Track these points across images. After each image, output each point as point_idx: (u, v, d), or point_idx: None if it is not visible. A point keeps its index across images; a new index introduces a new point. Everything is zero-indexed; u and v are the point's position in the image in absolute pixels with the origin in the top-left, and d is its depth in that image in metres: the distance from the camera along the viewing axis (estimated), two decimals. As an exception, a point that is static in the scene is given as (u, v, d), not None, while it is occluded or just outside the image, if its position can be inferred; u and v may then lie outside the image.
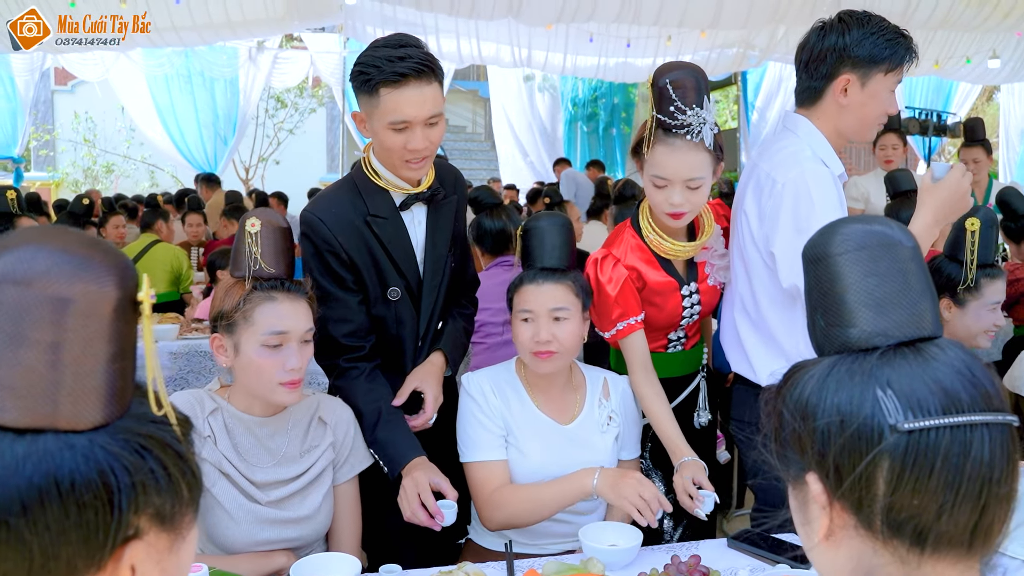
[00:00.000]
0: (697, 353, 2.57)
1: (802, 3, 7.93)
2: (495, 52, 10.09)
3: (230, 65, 12.03)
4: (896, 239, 0.93)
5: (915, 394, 0.84)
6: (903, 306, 0.90)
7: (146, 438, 0.75)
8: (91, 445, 0.71)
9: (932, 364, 0.86)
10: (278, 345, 1.90)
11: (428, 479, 2.00)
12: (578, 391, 2.31)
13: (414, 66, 2.01)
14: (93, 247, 0.74)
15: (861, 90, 2.18)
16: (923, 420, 0.83)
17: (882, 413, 0.84)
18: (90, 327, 0.72)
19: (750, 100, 12.97)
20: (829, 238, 0.94)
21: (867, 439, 0.85)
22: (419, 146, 2.07)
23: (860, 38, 2.14)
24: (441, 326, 2.34)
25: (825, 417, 0.87)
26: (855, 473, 0.85)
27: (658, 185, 2.23)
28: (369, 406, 2.14)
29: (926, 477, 0.83)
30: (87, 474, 0.70)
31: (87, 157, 16.54)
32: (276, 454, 2.01)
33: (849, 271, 0.91)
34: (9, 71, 11.30)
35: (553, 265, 2.21)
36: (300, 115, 16.16)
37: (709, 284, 2.45)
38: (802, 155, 2.19)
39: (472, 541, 2.35)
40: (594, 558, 1.88)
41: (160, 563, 0.77)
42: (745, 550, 1.99)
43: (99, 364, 0.72)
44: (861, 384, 0.87)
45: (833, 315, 0.92)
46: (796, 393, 0.91)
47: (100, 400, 0.72)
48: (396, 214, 2.21)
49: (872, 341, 0.89)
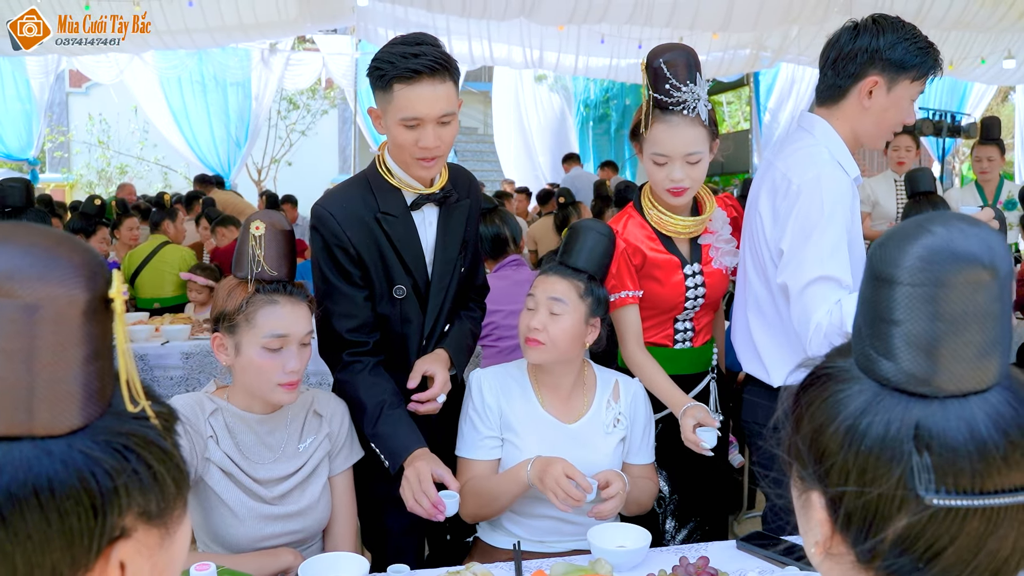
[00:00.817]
0: (707, 352, 2.56)
1: (815, 4, 7.91)
2: (507, 53, 10.10)
3: (242, 67, 12.08)
4: (984, 268, 0.76)
5: (954, 464, 0.75)
6: (966, 360, 0.77)
7: (128, 437, 0.73)
8: (70, 450, 0.69)
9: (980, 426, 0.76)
10: (279, 348, 1.93)
11: (430, 469, 2.00)
12: (588, 392, 2.32)
13: (428, 63, 2.02)
14: (59, 245, 0.71)
15: (886, 94, 2.17)
16: (954, 499, 0.75)
17: (913, 479, 0.76)
18: (60, 332, 0.69)
19: (762, 102, 12.93)
20: (901, 257, 0.78)
21: (889, 498, 0.77)
22: (430, 144, 2.07)
23: (894, 42, 2.13)
24: (447, 328, 2.34)
25: (852, 457, 0.79)
26: (866, 521, 0.79)
27: (658, 162, 2.30)
28: (372, 400, 2.13)
29: (943, 545, 0.76)
30: (67, 480, 0.68)
31: (101, 159, 16.66)
32: (276, 450, 2.04)
33: (912, 307, 0.77)
34: (24, 74, 11.38)
35: (573, 264, 2.24)
36: (312, 117, 16.22)
37: (714, 267, 2.47)
38: (820, 157, 2.18)
39: (481, 540, 2.35)
40: (602, 559, 1.88)
41: (151, 559, 0.76)
42: (754, 552, 1.98)
43: (73, 368, 0.70)
44: (897, 438, 0.77)
45: (877, 340, 0.80)
46: (825, 412, 0.83)
47: (77, 403, 0.70)
48: (407, 213, 2.21)
49: (909, 385, 0.78)
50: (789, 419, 0.88)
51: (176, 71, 11.83)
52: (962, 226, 0.78)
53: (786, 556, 1.93)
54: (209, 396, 2.03)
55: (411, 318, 2.26)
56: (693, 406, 2.25)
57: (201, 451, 1.93)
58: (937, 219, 0.79)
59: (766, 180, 2.28)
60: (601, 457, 2.24)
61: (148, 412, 0.74)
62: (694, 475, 2.52)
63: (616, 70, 10.53)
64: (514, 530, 2.27)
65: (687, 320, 2.49)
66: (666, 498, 2.50)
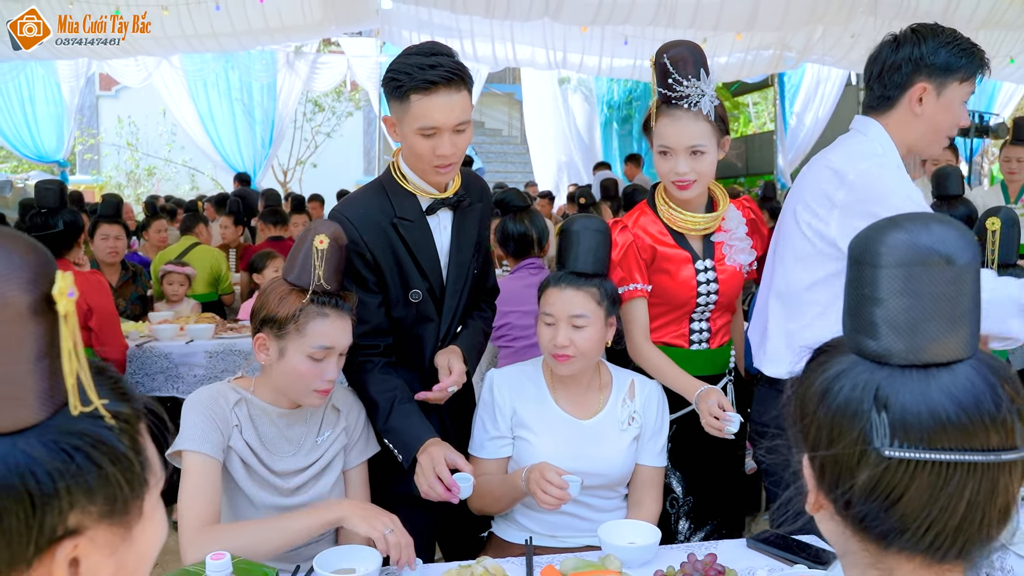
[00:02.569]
0: (724, 354, 2.57)
1: (840, 4, 7.85)
2: (530, 55, 10.11)
3: (268, 70, 12.19)
4: (943, 257, 0.88)
5: (906, 421, 0.86)
6: (930, 332, 0.88)
7: (78, 436, 0.72)
8: (13, 449, 0.69)
9: (934, 392, 0.87)
10: (322, 358, 2.00)
11: (444, 454, 2.05)
12: (603, 390, 2.34)
13: (444, 74, 2.06)
14: (3, 244, 0.71)
15: (936, 100, 2.17)
16: (906, 450, 0.86)
17: (871, 432, 0.87)
18: (2, 333, 0.69)
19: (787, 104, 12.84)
20: (875, 244, 0.91)
21: (852, 450, 0.89)
22: (447, 152, 2.12)
23: (936, 47, 2.14)
24: (460, 330, 2.37)
25: (822, 416, 0.92)
26: (836, 474, 0.91)
27: (664, 153, 2.36)
28: (382, 396, 2.18)
29: (897, 497, 0.87)
30: (6, 479, 0.68)
31: (130, 160, 16.89)
32: (295, 443, 2.10)
33: (884, 286, 0.90)
34: (55, 77, 11.56)
35: (582, 269, 2.26)
36: (337, 119, 16.34)
37: (727, 264, 2.48)
38: (873, 151, 2.19)
39: (495, 535, 2.38)
40: (612, 555, 1.89)
41: (113, 555, 0.76)
42: (764, 550, 1.99)
43: (18, 367, 0.70)
44: (860, 397, 0.89)
45: (859, 320, 0.92)
46: (811, 379, 0.95)
47: (24, 403, 0.70)
48: (422, 218, 2.25)
49: (888, 359, 0.89)
50: (795, 396, 0.99)
51: (203, 74, 11.97)
52: (926, 224, 0.91)
53: (796, 554, 1.93)
54: (232, 386, 2.08)
55: (427, 321, 2.29)
56: (707, 390, 2.26)
57: (227, 438, 1.99)
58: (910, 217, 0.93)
59: (813, 174, 2.26)
60: (615, 454, 2.26)
61: (101, 412, 0.74)
62: (710, 477, 2.52)
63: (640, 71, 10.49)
64: (528, 525, 2.29)
65: (703, 320, 2.49)
66: (679, 499, 2.51)
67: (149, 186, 16.87)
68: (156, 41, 8.27)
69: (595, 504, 2.27)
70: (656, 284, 2.43)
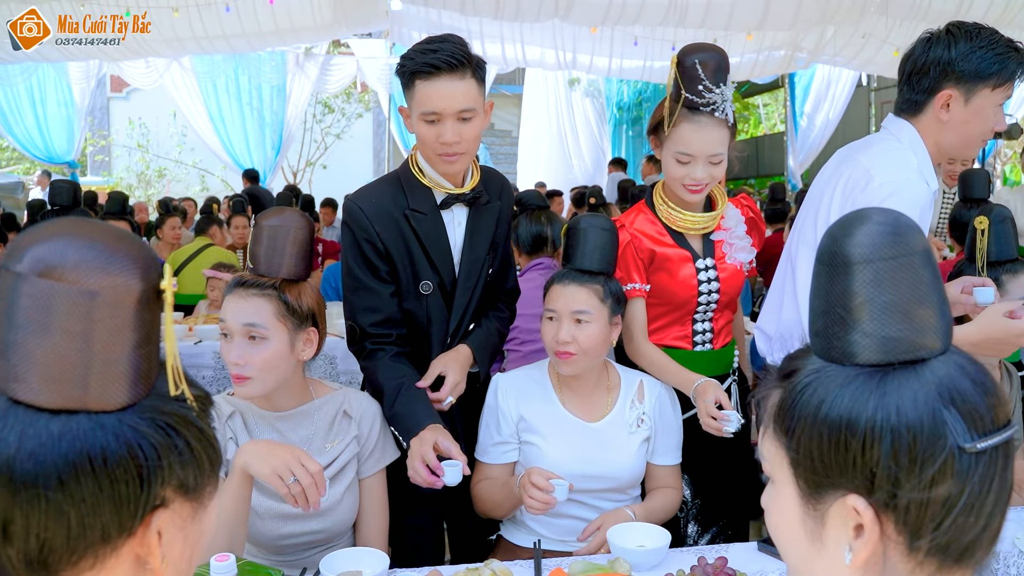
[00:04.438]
0: (728, 355, 2.55)
1: (851, 4, 7.80)
2: (539, 55, 10.10)
3: (278, 72, 12.22)
4: (910, 248, 0.86)
5: (976, 411, 0.81)
6: (912, 321, 0.85)
7: (170, 415, 0.80)
8: (120, 424, 0.77)
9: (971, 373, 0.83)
10: (228, 337, 1.95)
11: (435, 439, 2.00)
12: (611, 392, 2.31)
13: (445, 58, 2.05)
14: (120, 241, 0.79)
15: (964, 107, 2.10)
16: (987, 439, 0.80)
17: (949, 433, 0.80)
18: (116, 317, 0.76)
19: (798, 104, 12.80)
20: (843, 242, 0.87)
21: (931, 461, 0.80)
22: (449, 139, 2.10)
23: (967, 52, 2.06)
24: (473, 327, 2.35)
25: (894, 438, 0.80)
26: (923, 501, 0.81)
27: (682, 161, 2.31)
28: (390, 382, 2.15)
29: (985, 495, 0.81)
30: (118, 451, 0.76)
31: (140, 162, 16.95)
32: (299, 445, 2.03)
33: (860, 281, 0.86)
34: (66, 79, 11.61)
35: (588, 267, 2.23)
36: (347, 120, 16.36)
37: (728, 263, 2.47)
38: (906, 163, 2.13)
39: (503, 538, 2.36)
40: (621, 558, 1.87)
41: (183, 530, 0.83)
42: (775, 554, 1.96)
43: (125, 350, 0.77)
44: (928, 402, 0.81)
45: (837, 321, 0.87)
46: (834, 410, 0.84)
47: (127, 383, 0.77)
48: (436, 211, 2.23)
49: (874, 357, 0.84)
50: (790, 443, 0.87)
51: (213, 76, 12.00)
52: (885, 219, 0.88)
53: (808, 558, 1.91)
54: (226, 398, 2.06)
55: (437, 315, 2.27)
56: (704, 385, 2.24)
57: (225, 452, 1.94)
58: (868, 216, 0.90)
59: (842, 171, 2.21)
60: (624, 457, 2.24)
61: (187, 395, 0.82)
62: (717, 479, 2.50)
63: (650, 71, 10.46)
64: (537, 528, 2.27)
65: (705, 320, 2.48)
66: (688, 502, 2.49)
67: (160, 187, 16.93)
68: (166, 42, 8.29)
69: (605, 508, 2.24)
70: (656, 284, 2.41)
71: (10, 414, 0.75)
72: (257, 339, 1.93)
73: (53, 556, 0.75)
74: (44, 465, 0.74)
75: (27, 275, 0.75)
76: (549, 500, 2.00)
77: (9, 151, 16.06)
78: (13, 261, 0.76)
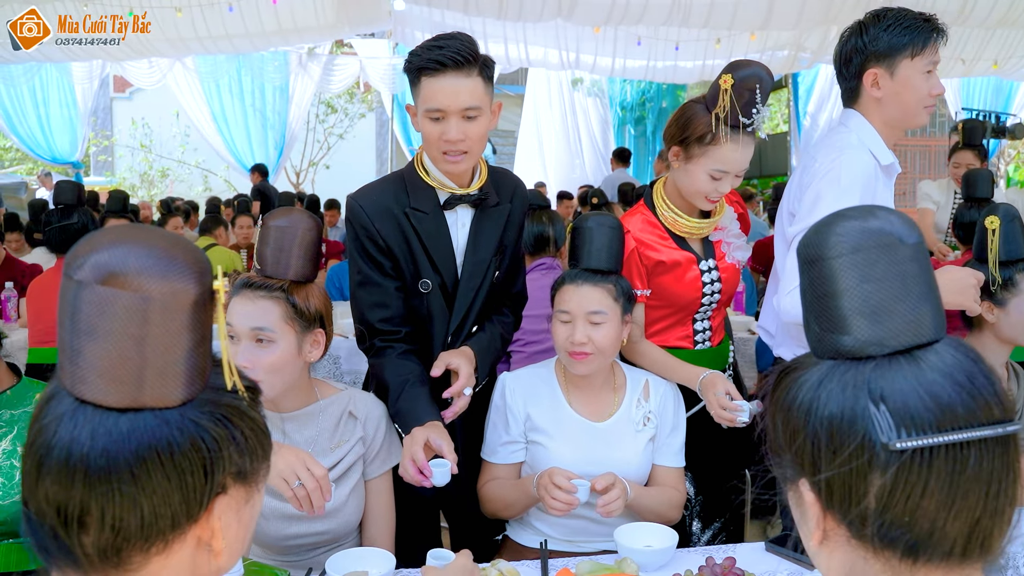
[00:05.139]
0: (724, 350, 2.58)
1: (855, 4, 7.78)
2: (542, 55, 10.09)
3: (281, 72, 12.23)
4: (896, 237, 0.86)
5: (909, 409, 0.81)
6: (900, 313, 0.85)
7: (226, 408, 0.85)
8: (183, 419, 0.82)
9: (928, 374, 0.82)
10: (232, 336, 1.93)
11: (426, 436, 1.95)
12: (618, 391, 2.30)
13: (450, 55, 2.04)
14: (175, 246, 0.83)
15: (892, 80, 2.27)
16: (916, 439, 0.80)
17: (875, 430, 0.81)
18: (175, 320, 0.81)
19: (801, 104, 12.78)
20: (824, 238, 0.88)
21: (858, 456, 0.82)
22: (453, 137, 2.08)
23: (877, 33, 2.25)
24: (476, 330, 2.32)
25: (816, 429, 0.85)
26: (846, 488, 0.84)
27: (715, 177, 2.33)
28: (396, 379, 2.12)
29: (918, 495, 0.80)
30: (183, 444, 0.81)
31: (143, 162, 16.96)
32: (304, 447, 2.02)
33: (844, 276, 0.86)
34: (70, 80, 11.63)
35: (597, 266, 2.22)
36: (350, 120, 16.36)
37: (728, 262, 2.50)
38: (847, 143, 2.27)
39: (509, 538, 2.35)
40: (628, 558, 1.87)
41: (238, 512, 0.89)
42: (783, 554, 1.96)
43: (184, 351, 0.82)
44: (853, 397, 0.83)
45: (826, 320, 0.88)
46: (789, 398, 0.89)
47: (186, 381, 0.82)
48: (439, 211, 2.21)
49: (866, 350, 0.85)
50: (771, 421, 0.93)
51: (216, 76, 12.01)
52: (870, 213, 0.89)
53: (816, 558, 1.90)
54: None
55: (437, 315, 2.25)
56: (711, 377, 2.25)
57: None
58: (853, 208, 0.92)
59: (801, 166, 2.38)
60: (631, 456, 2.23)
61: (240, 387, 0.87)
62: (718, 477, 2.51)
63: (653, 71, 10.45)
64: (543, 529, 2.26)
65: (705, 319, 2.49)
66: (691, 499, 2.49)
67: (163, 187, 16.95)
68: (169, 42, 8.30)
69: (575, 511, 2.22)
70: (659, 287, 2.41)
71: (79, 413, 0.80)
72: (264, 342, 1.91)
73: (127, 544, 0.80)
74: (116, 461, 0.79)
75: (89, 282, 0.79)
76: (572, 501, 1.99)
77: (13, 151, 16.07)
78: (74, 269, 0.80)
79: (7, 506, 2.01)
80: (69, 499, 0.79)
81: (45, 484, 0.80)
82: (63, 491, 0.79)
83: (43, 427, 0.81)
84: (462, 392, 2.13)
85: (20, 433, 2.08)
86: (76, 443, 0.79)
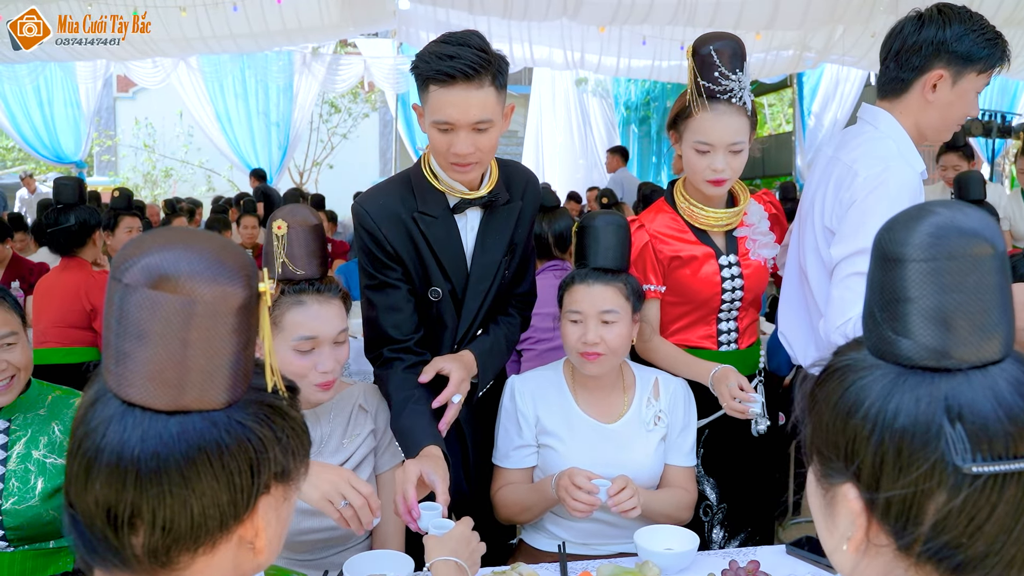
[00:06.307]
0: (753, 355, 2.52)
1: (860, 3, 7.77)
2: (547, 55, 10.08)
3: (285, 71, 12.21)
4: (987, 245, 0.80)
5: (987, 430, 0.76)
6: (980, 329, 0.79)
7: (269, 408, 0.86)
8: (230, 421, 0.83)
9: (1004, 394, 0.77)
10: (310, 349, 1.90)
11: (419, 470, 1.85)
12: (627, 391, 2.28)
13: (462, 67, 1.92)
14: (224, 250, 0.83)
15: (951, 88, 2.11)
16: (993, 464, 0.76)
17: (949, 451, 0.76)
18: (224, 324, 0.81)
19: (806, 104, 12.76)
20: (908, 235, 0.81)
21: (928, 478, 0.77)
22: (462, 151, 1.99)
23: (961, 33, 2.06)
24: (480, 333, 2.26)
25: (884, 441, 0.79)
26: (906, 506, 0.79)
27: (701, 151, 2.27)
28: (399, 394, 2.06)
29: (983, 519, 0.77)
30: (231, 445, 0.82)
31: (147, 162, 16.95)
32: (316, 444, 2.01)
33: (924, 283, 0.80)
34: (73, 79, 11.63)
35: (606, 265, 2.20)
36: (353, 120, 16.33)
37: (752, 259, 2.43)
38: (887, 150, 2.12)
39: (524, 542, 2.33)
40: (649, 561, 1.85)
41: (278, 511, 0.90)
42: (804, 557, 1.94)
43: (230, 354, 0.82)
44: (929, 412, 0.78)
45: (891, 319, 0.82)
46: (846, 400, 0.83)
47: (232, 384, 0.83)
48: (448, 215, 2.14)
49: (939, 361, 0.79)
50: (807, 418, 0.89)
51: (220, 75, 12.00)
52: (963, 207, 0.83)
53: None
54: None
55: (445, 321, 2.20)
56: (722, 371, 2.22)
57: None
58: (939, 202, 0.85)
59: (831, 174, 2.19)
60: (642, 457, 2.21)
61: (281, 388, 0.89)
62: (744, 483, 2.47)
63: (658, 71, 10.44)
64: (558, 532, 2.24)
65: (731, 320, 2.44)
66: (713, 507, 2.45)
67: (166, 187, 16.93)
68: (173, 42, 8.30)
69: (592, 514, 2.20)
70: (677, 282, 2.37)
71: (128, 416, 0.81)
72: (342, 343, 1.94)
73: (176, 545, 0.81)
74: (167, 462, 0.79)
75: (138, 286, 0.79)
76: (594, 502, 1.97)
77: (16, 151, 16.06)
78: (122, 272, 0.80)
79: (23, 511, 1.99)
80: (120, 501, 0.80)
81: (95, 487, 0.80)
82: (114, 493, 0.79)
83: (91, 430, 0.81)
84: (451, 400, 2.06)
85: (34, 437, 2.06)
86: (126, 446, 0.79)
